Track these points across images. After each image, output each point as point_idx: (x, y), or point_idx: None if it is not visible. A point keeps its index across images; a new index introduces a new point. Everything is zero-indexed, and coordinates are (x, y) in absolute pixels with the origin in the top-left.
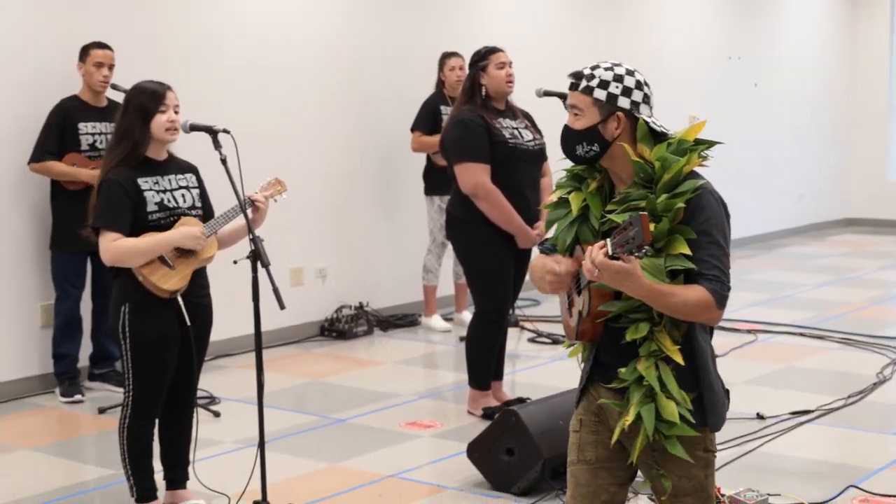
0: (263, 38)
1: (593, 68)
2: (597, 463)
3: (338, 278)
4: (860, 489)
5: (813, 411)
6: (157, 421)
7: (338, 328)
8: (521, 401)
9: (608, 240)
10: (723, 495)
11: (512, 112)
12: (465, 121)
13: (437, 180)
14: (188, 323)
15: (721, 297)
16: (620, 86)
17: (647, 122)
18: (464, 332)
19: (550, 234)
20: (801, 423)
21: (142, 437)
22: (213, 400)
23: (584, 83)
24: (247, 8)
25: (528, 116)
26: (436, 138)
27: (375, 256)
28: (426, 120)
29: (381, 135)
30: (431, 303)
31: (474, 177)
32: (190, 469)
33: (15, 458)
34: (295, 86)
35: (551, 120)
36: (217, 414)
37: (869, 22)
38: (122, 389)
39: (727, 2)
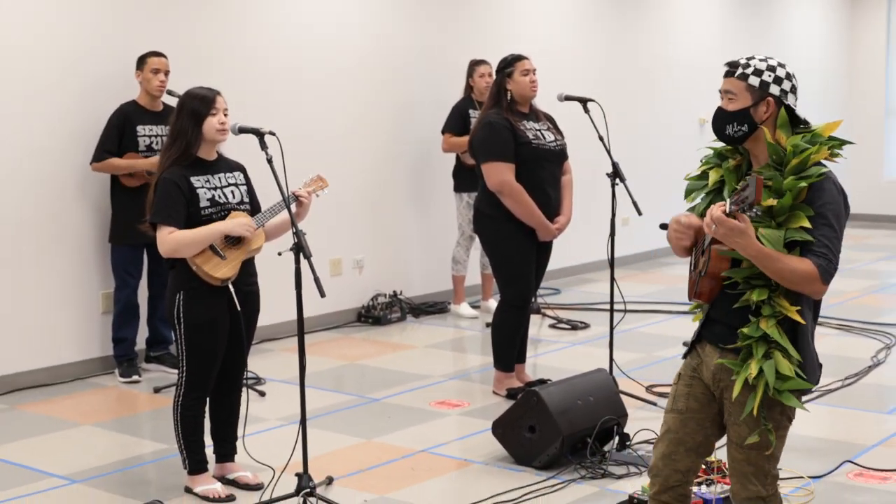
0: (306, 47)
1: (749, 59)
2: (687, 413)
3: (373, 268)
4: (855, 464)
5: (812, 391)
6: (207, 399)
7: (373, 315)
8: (542, 382)
9: (728, 199)
10: (728, 469)
11: (535, 115)
12: (493, 123)
13: (465, 178)
14: (238, 309)
15: (825, 273)
16: (773, 75)
17: (789, 111)
18: (490, 319)
19: (690, 204)
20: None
21: (194, 415)
22: (259, 380)
23: (739, 70)
24: (289, 20)
25: (550, 119)
26: (465, 139)
27: (408, 248)
28: (456, 122)
29: (414, 136)
30: (460, 291)
31: (500, 175)
32: (238, 444)
33: (78, 433)
34: (335, 91)
35: (572, 122)
36: (263, 393)
37: (866, 29)
38: (175, 370)
39: (734, 12)
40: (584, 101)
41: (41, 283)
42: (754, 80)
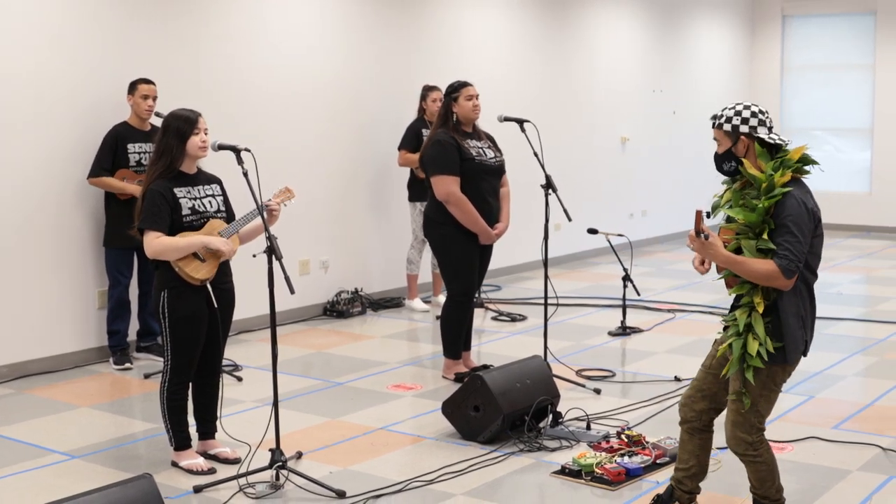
0: (277, 73)
1: (723, 110)
2: (710, 369)
3: (337, 268)
4: None
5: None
6: (190, 384)
7: (337, 309)
8: (485, 367)
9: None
10: (647, 442)
11: (478, 134)
12: (441, 141)
13: (418, 189)
14: (215, 305)
15: (786, 270)
16: (739, 118)
17: (761, 141)
18: (439, 313)
19: (715, 219)
20: None
21: (178, 398)
22: (236, 367)
23: (716, 121)
24: (263, 50)
25: (491, 138)
26: (418, 156)
27: (368, 250)
28: (410, 140)
29: (373, 152)
30: (413, 288)
31: (447, 187)
32: (217, 423)
33: (77, 414)
34: (303, 111)
35: (510, 140)
36: (240, 379)
37: (763, 58)
38: (162, 359)
39: (651, 44)
40: (521, 122)
41: (45, 282)
42: (727, 127)
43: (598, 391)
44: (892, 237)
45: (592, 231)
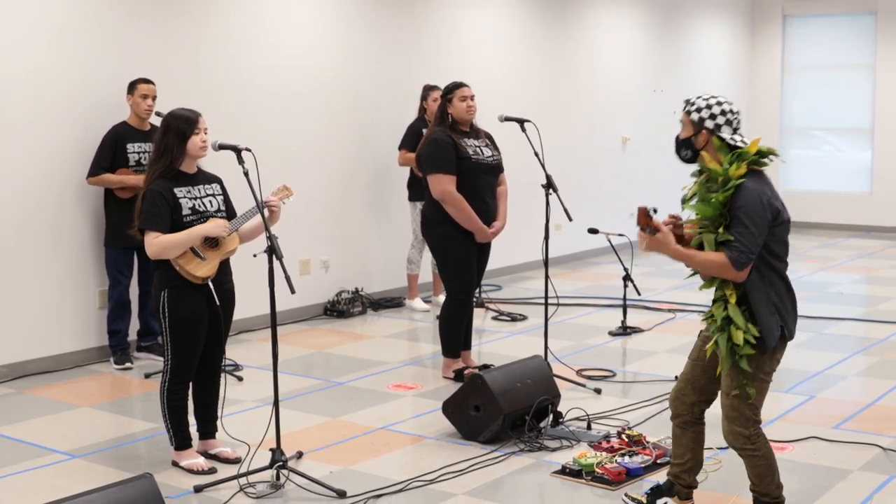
0: (278, 73)
1: (697, 97)
2: (697, 360)
3: (338, 268)
4: None
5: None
6: (190, 384)
7: (338, 308)
8: (485, 367)
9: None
10: (648, 442)
11: (476, 133)
12: (437, 139)
13: (418, 189)
14: (217, 304)
15: (736, 262)
16: (709, 112)
17: (721, 139)
18: (439, 312)
19: (688, 211)
20: None
21: (179, 397)
22: (236, 367)
23: (686, 107)
24: (263, 51)
25: (489, 136)
26: None
27: (369, 250)
28: (410, 140)
29: (374, 152)
30: (414, 288)
31: (442, 185)
32: (218, 423)
33: (78, 414)
34: (304, 111)
35: (511, 140)
36: (240, 378)
37: (764, 58)
38: (162, 359)
39: (651, 44)
40: (521, 122)
41: (45, 282)
42: (695, 116)
43: (598, 391)
44: (893, 237)
45: (593, 231)
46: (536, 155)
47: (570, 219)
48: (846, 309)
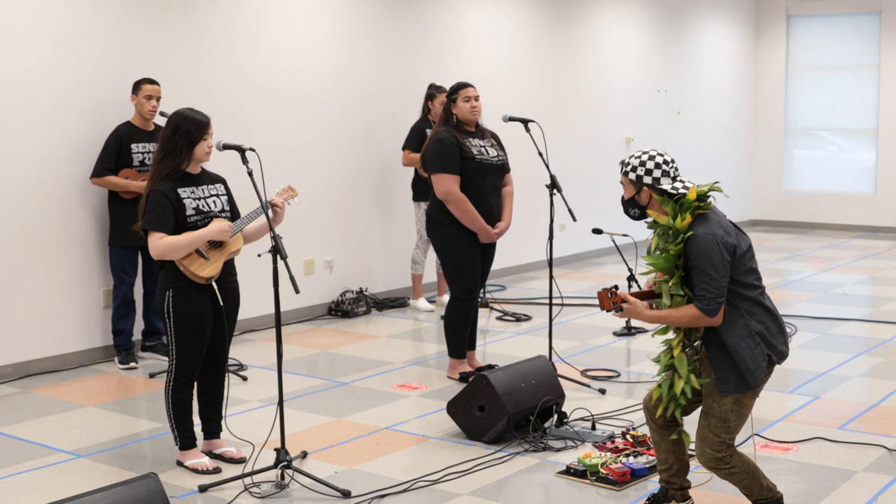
0: (283, 73)
1: (630, 157)
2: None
3: (342, 268)
4: (762, 437)
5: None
6: (195, 384)
7: (342, 308)
8: (490, 367)
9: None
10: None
11: (481, 133)
12: (442, 139)
13: (422, 189)
14: (221, 304)
15: (706, 310)
16: (644, 168)
17: (662, 192)
18: (444, 312)
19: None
20: None
21: (183, 398)
22: (241, 367)
23: (623, 168)
24: (268, 50)
25: (494, 136)
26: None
27: (373, 250)
28: (414, 140)
29: (378, 152)
30: (418, 288)
31: (446, 185)
32: (223, 423)
33: (83, 414)
34: (308, 111)
35: (516, 140)
36: (245, 378)
37: (768, 59)
38: (167, 358)
39: (654, 42)
40: (525, 122)
41: (50, 282)
42: (632, 176)
43: (602, 391)
44: None
45: (597, 231)
46: (540, 155)
47: (575, 219)
48: (851, 309)
